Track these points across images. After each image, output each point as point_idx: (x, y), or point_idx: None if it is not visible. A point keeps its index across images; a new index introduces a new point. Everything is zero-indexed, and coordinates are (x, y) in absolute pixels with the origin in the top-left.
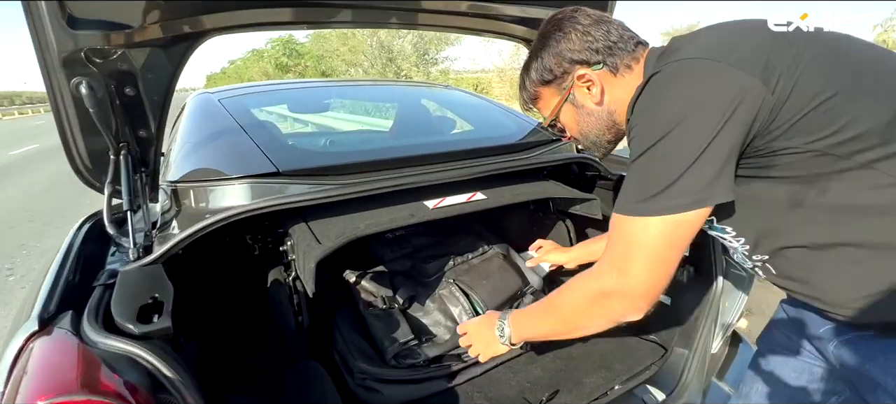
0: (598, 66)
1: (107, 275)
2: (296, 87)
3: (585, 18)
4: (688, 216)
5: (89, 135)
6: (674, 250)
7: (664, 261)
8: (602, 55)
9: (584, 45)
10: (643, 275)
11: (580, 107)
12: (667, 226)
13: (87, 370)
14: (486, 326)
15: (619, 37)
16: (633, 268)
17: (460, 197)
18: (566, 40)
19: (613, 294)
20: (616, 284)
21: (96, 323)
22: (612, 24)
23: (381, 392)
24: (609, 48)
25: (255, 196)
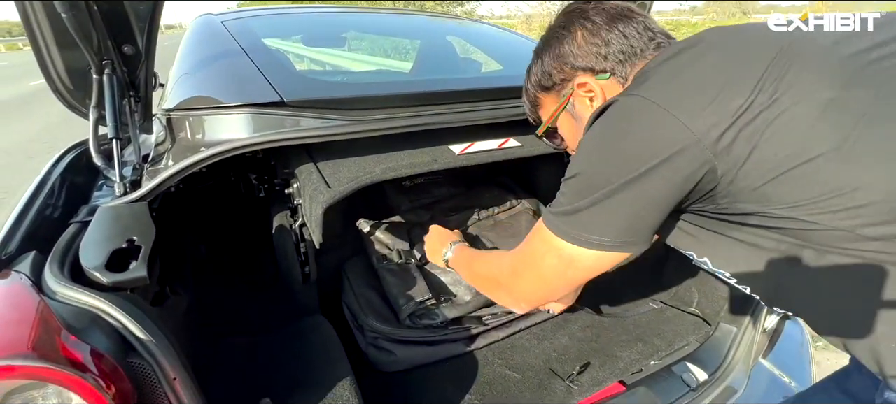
0: (603, 76)
1: (86, 211)
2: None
3: (600, 15)
4: (581, 253)
5: (66, 49)
6: (561, 280)
7: (550, 286)
8: (611, 63)
9: (591, 50)
10: (528, 288)
11: (577, 119)
12: (563, 255)
13: (42, 330)
14: (440, 239)
15: (637, 42)
16: (523, 279)
17: (490, 142)
18: (570, 42)
19: (503, 287)
20: (507, 282)
21: (60, 269)
22: (634, 25)
23: (395, 353)
24: (622, 55)
25: (256, 129)
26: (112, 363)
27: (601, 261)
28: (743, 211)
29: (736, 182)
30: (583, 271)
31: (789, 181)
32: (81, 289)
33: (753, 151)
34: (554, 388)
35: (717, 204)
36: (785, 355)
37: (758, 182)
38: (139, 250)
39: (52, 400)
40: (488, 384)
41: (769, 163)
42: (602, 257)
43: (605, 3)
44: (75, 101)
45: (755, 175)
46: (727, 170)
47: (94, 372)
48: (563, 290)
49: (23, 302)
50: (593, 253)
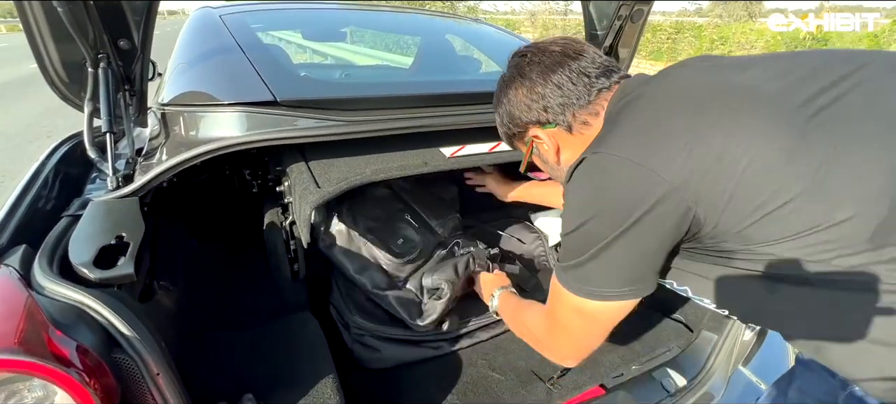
0: (550, 126)
1: (78, 205)
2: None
3: (535, 70)
4: (597, 306)
5: (62, 42)
6: (591, 335)
7: (584, 343)
8: (552, 115)
9: (533, 106)
10: (566, 348)
11: (545, 162)
12: (584, 313)
13: (29, 324)
14: (491, 285)
15: (573, 90)
16: (558, 340)
17: (481, 146)
18: (516, 100)
19: (546, 348)
20: (547, 343)
21: (49, 264)
22: (568, 73)
23: (380, 350)
24: (560, 106)
25: (250, 127)
26: (97, 359)
27: (620, 310)
28: (727, 249)
29: (719, 225)
30: (607, 322)
31: (771, 222)
32: (69, 285)
33: (732, 198)
34: (535, 390)
35: (703, 243)
36: (765, 363)
37: (740, 225)
38: (127, 247)
39: (37, 394)
40: (471, 384)
41: (749, 207)
42: (620, 307)
43: (544, 50)
44: (70, 94)
45: (737, 218)
46: (708, 215)
47: (79, 368)
48: (597, 341)
49: (11, 296)
50: (608, 304)
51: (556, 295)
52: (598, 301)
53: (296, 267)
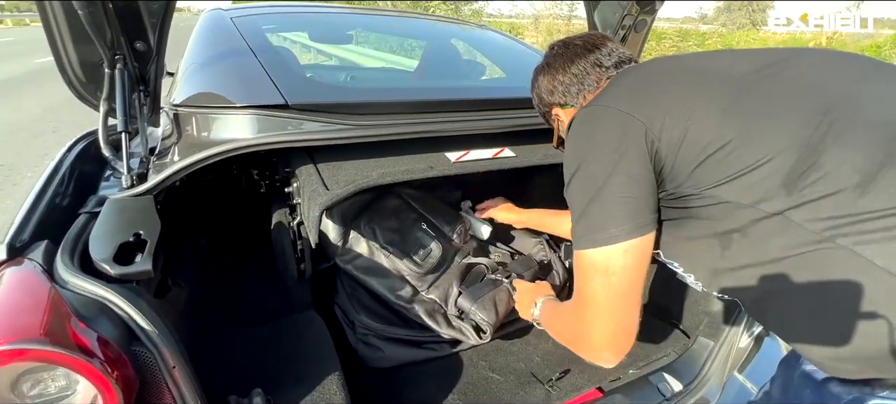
0: (567, 106)
1: (95, 202)
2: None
3: (558, 60)
4: (609, 254)
5: (81, 44)
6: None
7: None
8: (570, 97)
9: (555, 89)
10: (599, 329)
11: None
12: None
13: (53, 316)
14: (532, 294)
15: (587, 77)
16: (589, 320)
17: (485, 151)
18: (543, 85)
19: (582, 341)
20: (582, 333)
21: (70, 259)
22: (584, 63)
23: (383, 350)
24: (576, 89)
25: (261, 129)
26: (117, 350)
27: (632, 255)
28: (684, 193)
29: (675, 166)
30: (624, 275)
31: (711, 163)
32: (90, 280)
33: (683, 141)
34: (534, 392)
35: (664, 189)
36: (759, 370)
37: (690, 166)
38: (145, 244)
39: (61, 382)
40: (471, 384)
41: (695, 150)
42: (627, 250)
43: (569, 43)
44: (86, 93)
45: (687, 160)
46: (668, 154)
47: (101, 358)
48: (623, 311)
49: (36, 289)
50: (618, 248)
51: (577, 267)
52: (610, 245)
53: (302, 266)
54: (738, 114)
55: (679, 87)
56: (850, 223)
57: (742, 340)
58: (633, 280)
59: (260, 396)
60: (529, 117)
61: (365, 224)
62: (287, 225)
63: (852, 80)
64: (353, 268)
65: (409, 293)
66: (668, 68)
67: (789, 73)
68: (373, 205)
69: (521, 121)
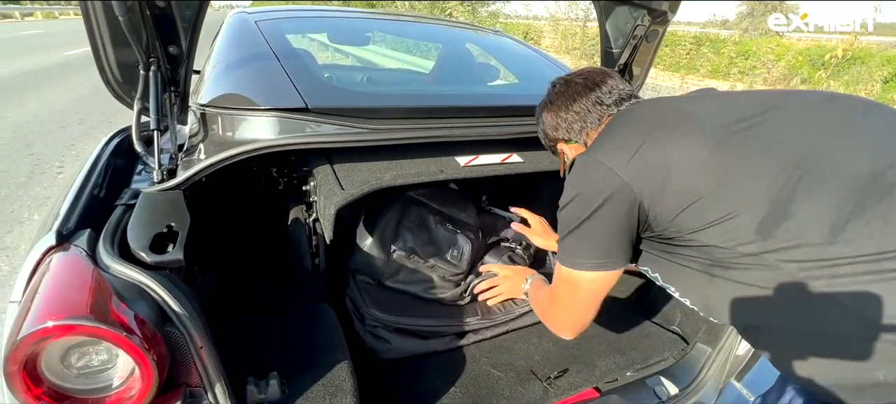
0: (570, 142)
1: (130, 195)
2: (338, 15)
3: (561, 98)
4: (577, 276)
5: (119, 47)
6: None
7: (571, 312)
8: (573, 134)
9: (558, 126)
10: (560, 317)
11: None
12: (569, 282)
13: (98, 297)
14: (520, 275)
15: (589, 115)
16: (555, 310)
17: (494, 156)
18: (548, 121)
19: (548, 318)
20: (548, 314)
21: (111, 247)
22: (586, 102)
23: (390, 341)
24: (578, 127)
25: (283, 131)
26: (152, 329)
27: (594, 282)
28: (670, 236)
29: (659, 215)
30: (585, 293)
31: (690, 213)
32: (129, 266)
33: (663, 193)
34: (532, 389)
35: (653, 231)
36: (757, 378)
37: (671, 214)
38: (176, 235)
39: (103, 356)
40: (473, 379)
41: (674, 201)
42: (593, 278)
43: (570, 81)
44: (122, 93)
45: (668, 210)
46: (651, 205)
47: (139, 335)
48: (581, 313)
49: (82, 272)
50: (584, 274)
51: (556, 268)
52: (578, 271)
53: (317, 260)
54: (714, 167)
55: (664, 138)
56: (823, 267)
57: (740, 348)
58: (593, 298)
59: (275, 379)
60: None
61: (403, 245)
62: (303, 221)
63: (829, 131)
64: (401, 284)
65: (452, 287)
66: (654, 114)
67: (767, 126)
68: (403, 223)
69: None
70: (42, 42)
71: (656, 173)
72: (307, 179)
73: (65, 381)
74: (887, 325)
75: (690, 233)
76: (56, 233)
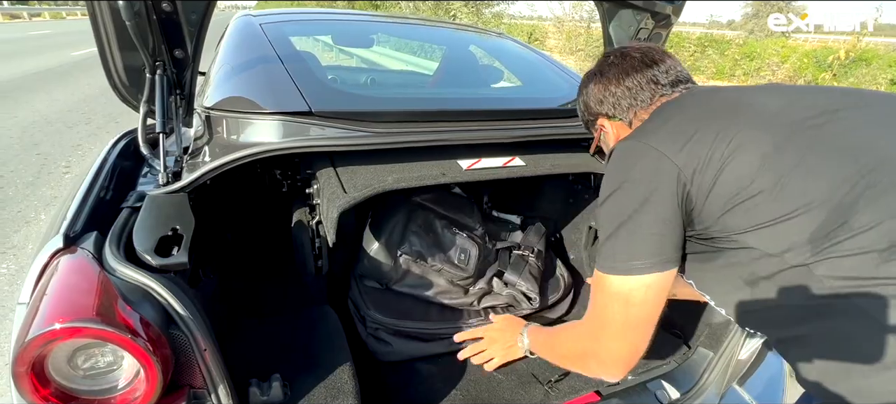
0: (614, 119)
1: (135, 198)
2: (342, 18)
3: (612, 70)
4: (630, 284)
5: (126, 50)
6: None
7: (627, 337)
8: (619, 111)
9: (604, 100)
10: (613, 348)
11: (607, 147)
12: (619, 295)
13: (104, 300)
14: (510, 331)
15: (640, 94)
16: (604, 341)
17: (496, 160)
18: (593, 94)
19: (593, 357)
20: (594, 351)
21: (117, 250)
22: (639, 78)
23: (392, 344)
24: (627, 104)
25: (286, 134)
26: (157, 332)
27: (652, 289)
28: (712, 236)
29: (705, 209)
30: (642, 305)
31: (740, 212)
32: (135, 269)
33: (714, 186)
34: (533, 392)
35: (694, 229)
36: (759, 383)
37: (718, 211)
38: (181, 238)
39: (109, 358)
40: (474, 382)
41: (724, 196)
42: (651, 284)
43: (626, 54)
44: (129, 96)
45: (716, 205)
46: (698, 198)
47: (144, 338)
48: (639, 335)
49: (89, 275)
50: (641, 279)
51: (596, 287)
52: (632, 276)
53: (319, 263)
54: (776, 164)
55: (724, 127)
56: (870, 286)
57: (742, 353)
58: (651, 312)
59: (278, 381)
60: (541, 129)
61: (410, 248)
62: (306, 224)
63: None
64: (408, 288)
65: (461, 292)
66: (713, 102)
67: (838, 125)
68: (409, 228)
69: (532, 132)
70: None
71: (710, 164)
72: (310, 182)
73: (71, 382)
74: None
75: (737, 233)
76: (63, 236)
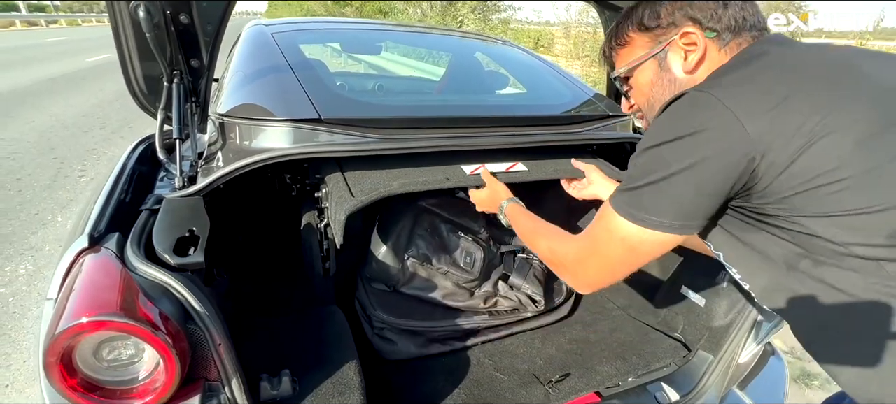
0: (710, 34)
1: (153, 200)
2: (351, 27)
3: None
4: (642, 235)
5: (145, 60)
6: (623, 265)
7: (613, 272)
8: (722, 26)
9: (710, 5)
10: (593, 275)
11: (664, 70)
12: (626, 241)
13: (127, 295)
14: (493, 197)
15: (746, 21)
16: (589, 266)
17: (499, 165)
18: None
19: (568, 271)
20: (572, 267)
21: (138, 249)
22: (750, 5)
23: (397, 342)
24: (733, 23)
25: (297, 140)
26: (176, 326)
27: (660, 246)
28: (768, 213)
29: (771, 186)
30: (644, 255)
31: (813, 195)
32: (154, 267)
33: (793, 163)
34: (534, 392)
35: (750, 203)
36: (760, 387)
37: (788, 191)
38: (197, 239)
39: (131, 350)
40: (476, 381)
41: (803, 176)
42: (662, 241)
43: None
44: (147, 103)
45: (787, 185)
46: (766, 173)
47: (164, 331)
48: (624, 274)
49: (112, 272)
50: (653, 235)
51: (601, 224)
52: (646, 228)
53: (327, 264)
54: (873, 150)
55: (822, 96)
56: None
57: (743, 356)
58: (644, 260)
59: (287, 376)
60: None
61: (417, 252)
62: (314, 226)
63: None
64: (416, 290)
65: (466, 295)
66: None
67: None
68: (416, 231)
69: (535, 138)
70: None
71: (794, 139)
72: (319, 186)
73: (97, 373)
74: None
75: (802, 216)
76: (88, 237)
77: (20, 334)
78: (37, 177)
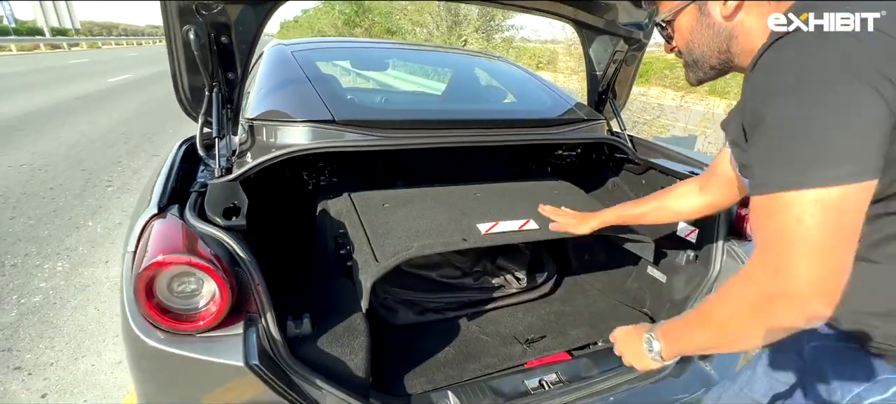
0: None
1: (199, 185)
2: (360, 45)
3: None
4: (848, 190)
5: (192, 73)
6: (840, 236)
7: (831, 251)
8: None
9: None
10: (806, 271)
11: (704, 15)
12: (826, 205)
13: (190, 241)
14: (633, 339)
15: None
16: (792, 263)
17: (512, 223)
18: None
19: (776, 297)
20: (776, 286)
21: (194, 214)
22: None
23: (398, 311)
24: None
25: (314, 138)
26: (227, 266)
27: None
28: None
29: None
30: (852, 213)
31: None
32: (209, 225)
33: None
34: (513, 350)
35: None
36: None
37: None
38: (239, 210)
39: (193, 285)
40: (465, 341)
41: None
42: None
43: None
44: (191, 109)
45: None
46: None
47: (219, 267)
48: (847, 250)
49: (177, 227)
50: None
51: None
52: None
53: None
54: None
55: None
56: None
57: None
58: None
59: (307, 318)
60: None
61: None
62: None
63: None
64: (416, 269)
65: (459, 274)
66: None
67: None
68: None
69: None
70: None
71: None
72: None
73: (168, 302)
74: None
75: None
76: (157, 205)
77: (61, 321)
78: (68, 187)
